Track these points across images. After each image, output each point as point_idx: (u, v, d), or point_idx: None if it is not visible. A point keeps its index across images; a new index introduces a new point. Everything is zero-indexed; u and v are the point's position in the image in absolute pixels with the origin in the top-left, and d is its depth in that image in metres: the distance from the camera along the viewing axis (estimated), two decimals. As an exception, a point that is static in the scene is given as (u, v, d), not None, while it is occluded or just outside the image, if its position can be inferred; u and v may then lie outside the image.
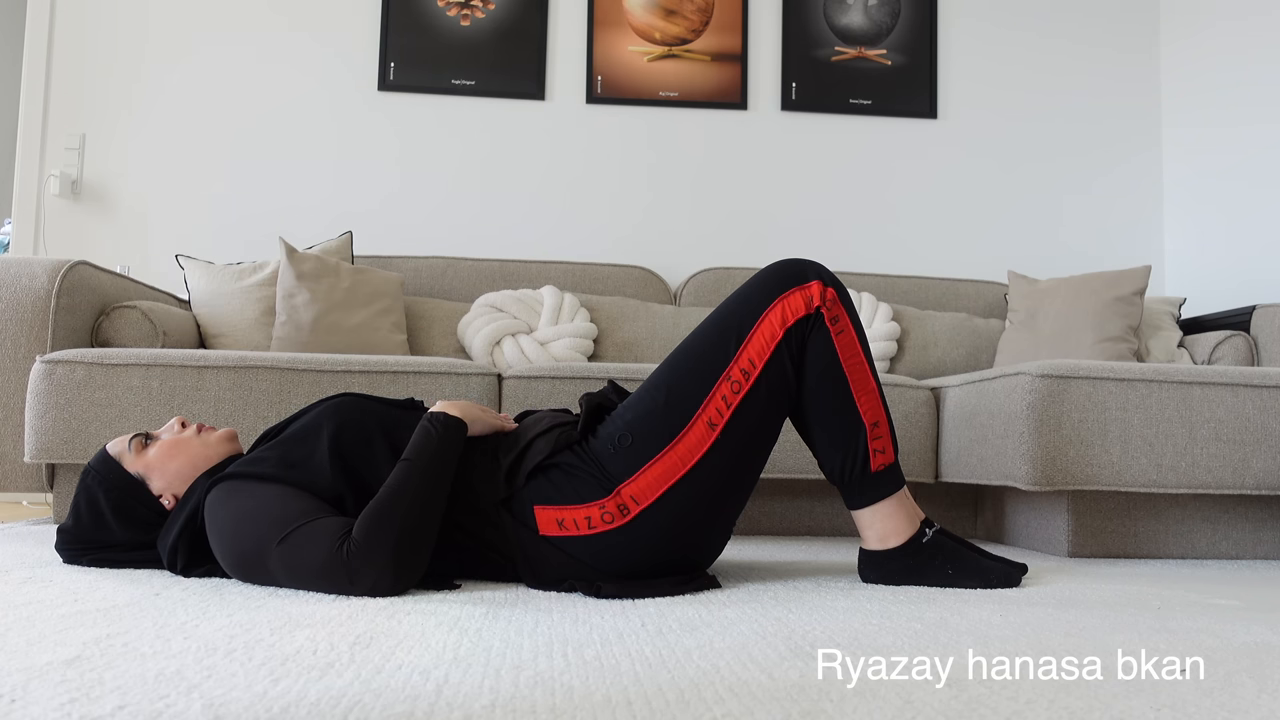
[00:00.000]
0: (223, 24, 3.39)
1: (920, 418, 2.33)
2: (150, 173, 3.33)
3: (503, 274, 3.12)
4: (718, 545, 1.48)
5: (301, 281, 2.61)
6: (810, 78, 3.55)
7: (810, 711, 0.76)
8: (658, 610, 1.22)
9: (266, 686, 0.79)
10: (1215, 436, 2.01)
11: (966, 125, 3.61)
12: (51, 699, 0.74)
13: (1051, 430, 1.96)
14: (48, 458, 2.09)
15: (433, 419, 1.38)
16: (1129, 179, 3.65)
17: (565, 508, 1.36)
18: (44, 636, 0.97)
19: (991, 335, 3.07)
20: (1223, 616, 1.28)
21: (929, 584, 1.48)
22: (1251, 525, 2.13)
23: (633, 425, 1.37)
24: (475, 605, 1.22)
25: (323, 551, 1.24)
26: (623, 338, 2.91)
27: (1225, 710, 0.79)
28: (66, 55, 3.33)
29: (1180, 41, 3.61)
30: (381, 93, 3.42)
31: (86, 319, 2.34)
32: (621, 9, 3.50)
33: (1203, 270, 3.46)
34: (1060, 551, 2.07)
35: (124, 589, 1.28)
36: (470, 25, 3.44)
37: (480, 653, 0.94)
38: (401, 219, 3.39)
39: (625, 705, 0.77)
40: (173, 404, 2.11)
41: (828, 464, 1.47)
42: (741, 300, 1.43)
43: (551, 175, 3.46)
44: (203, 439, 1.49)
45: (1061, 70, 3.66)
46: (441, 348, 2.86)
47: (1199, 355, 2.82)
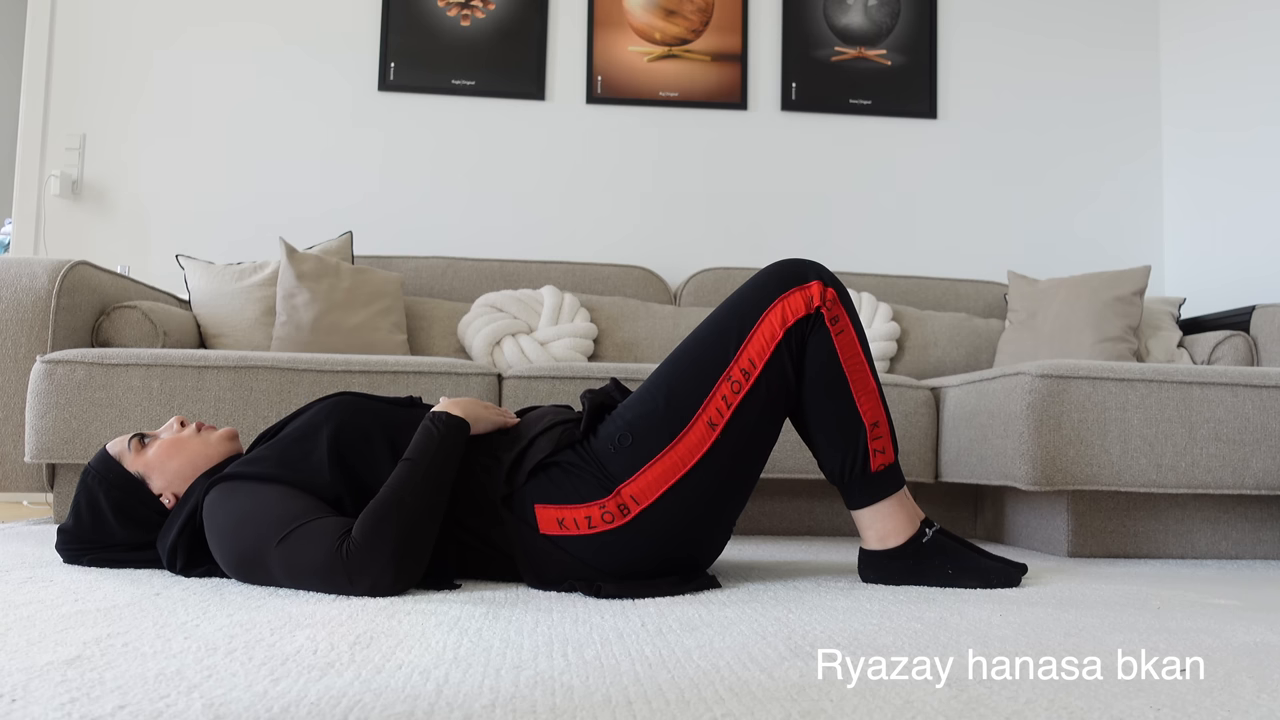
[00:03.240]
0: (223, 24, 3.39)
1: (920, 418, 2.33)
2: (150, 173, 3.33)
3: (503, 274, 3.12)
4: (718, 545, 1.48)
5: (302, 281, 2.61)
6: (810, 78, 3.55)
7: (810, 711, 0.76)
8: (658, 610, 1.22)
9: (266, 686, 0.79)
10: (1215, 436, 2.01)
11: (966, 125, 3.61)
12: (52, 699, 0.74)
13: (1051, 430, 1.96)
14: (48, 458, 2.09)
15: (435, 419, 1.38)
16: (1129, 179, 3.65)
17: (565, 507, 1.36)
18: (44, 636, 0.97)
19: (991, 335, 3.07)
20: (1222, 616, 1.28)
21: (929, 584, 1.48)
22: (1251, 525, 2.13)
23: (633, 425, 1.37)
24: (475, 605, 1.22)
25: (322, 551, 1.24)
26: (623, 338, 2.91)
27: (1225, 710, 0.79)
28: (66, 55, 3.33)
29: (1180, 38, 3.60)
30: (382, 93, 3.42)
31: (87, 319, 2.34)
32: (621, 9, 3.50)
33: (1203, 270, 3.46)
34: (1060, 551, 2.07)
35: (124, 589, 1.28)
36: (470, 25, 3.44)
37: (480, 653, 0.94)
38: (402, 219, 3.39)
39: (625, 705, 0.77)
40: (173, 404, 2.11)
41: (828, 464, 1.47)
42: (741, 300, 1.43)
43: (552, 175, 3.46)
44: (203, 438, 1.49)
45: (1061, 71, 3.66)
46: (441, 348, 2.86)
47: (1199, 355, 2.82)
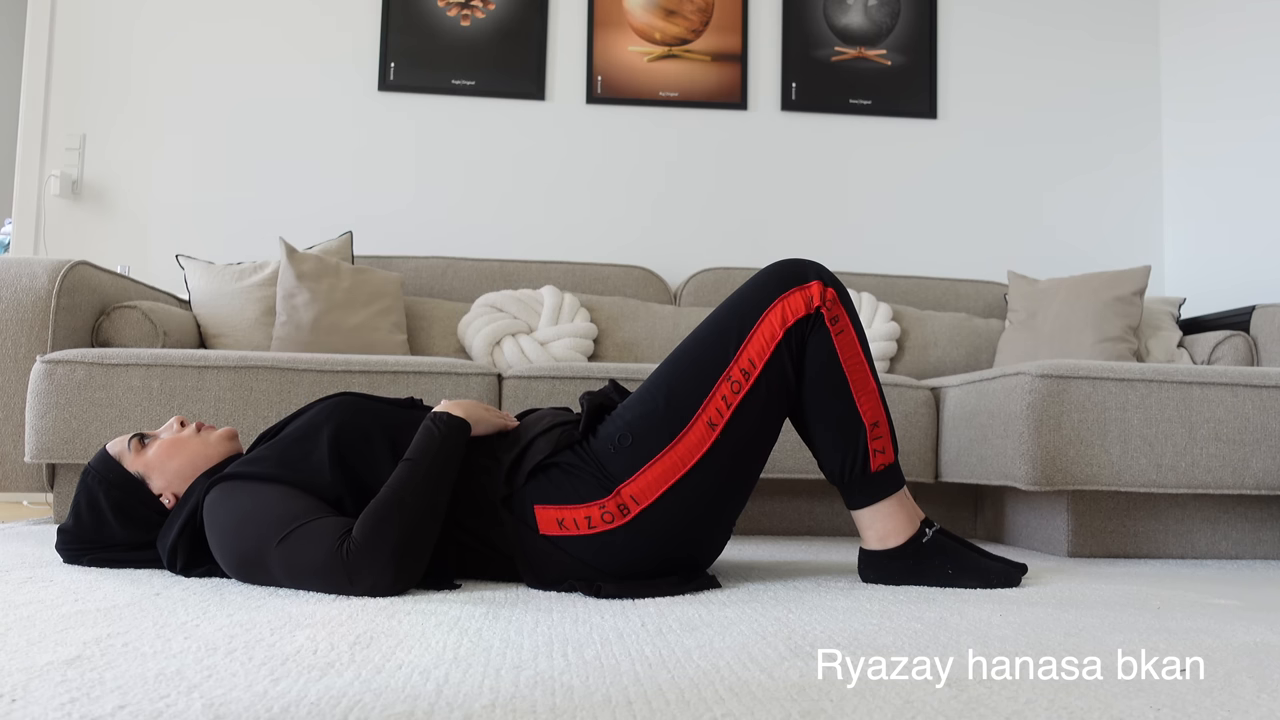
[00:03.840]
0: (223, 24, 3.39)
1: (920, 418, 2.33)
2: (150, 173, 3.33)
3: (503, 274, 3.12)
4: (718, 545, 1.48)
5: (302, 281, 2.61)
6: (810, 78, 3.55)
7: (810, 711, 0.76)
8: (658, 610, 1.22)
9: (266, 686, 0.79)
10: (1215, 436, 2.01)
11: (966, 125, 3.61)
12: (52, 699, 0.74)
13: (1051, 430, 1.96)
14: (48, 458, 2.09)
15: (436, 419, 1.38)
16: (1129, 179, 3.65)
17: (565, 507, 1.36)
18: (44, 636, 0.97)
19: (991, 335, 3.07)
20: (1222, 616, 1.28)
21: (929, 584, 1.48)
22: (1251, 525, 2.13)
23: (633, 425, 1.37)
24: (475, 605, 1.22)
25: (322, 551, 1.24)
26: (623, 338, 2.91)
27: (1225, 710, 0.79)
28: (66, 55, 3.33)
29: (1180, 34, 3.60)
30: (382, 93, 3.42)
31: (87, 319, 2.34)
32: (621, 9, 3.50)
33: (1203, 270, 3.46)
34: (1060, 551, 2.07)
35: (124, 589, 1.28)
36: (470, 25, 3.44)
37: (480, 653, 0.94)
38: (401, 219, 3.39)
39: (625, 705, 0.77)
40: (173, 404, 2.11)
41: (828, 464, 1.47)
42: (741, 300, 1.43)
43: (551, 175, 3.46)
44: (202, 438, 1.49)
45: (1061, 71, 3.66)
46: (441, 348, 2.86)
47: (1199, 355, 2.82)
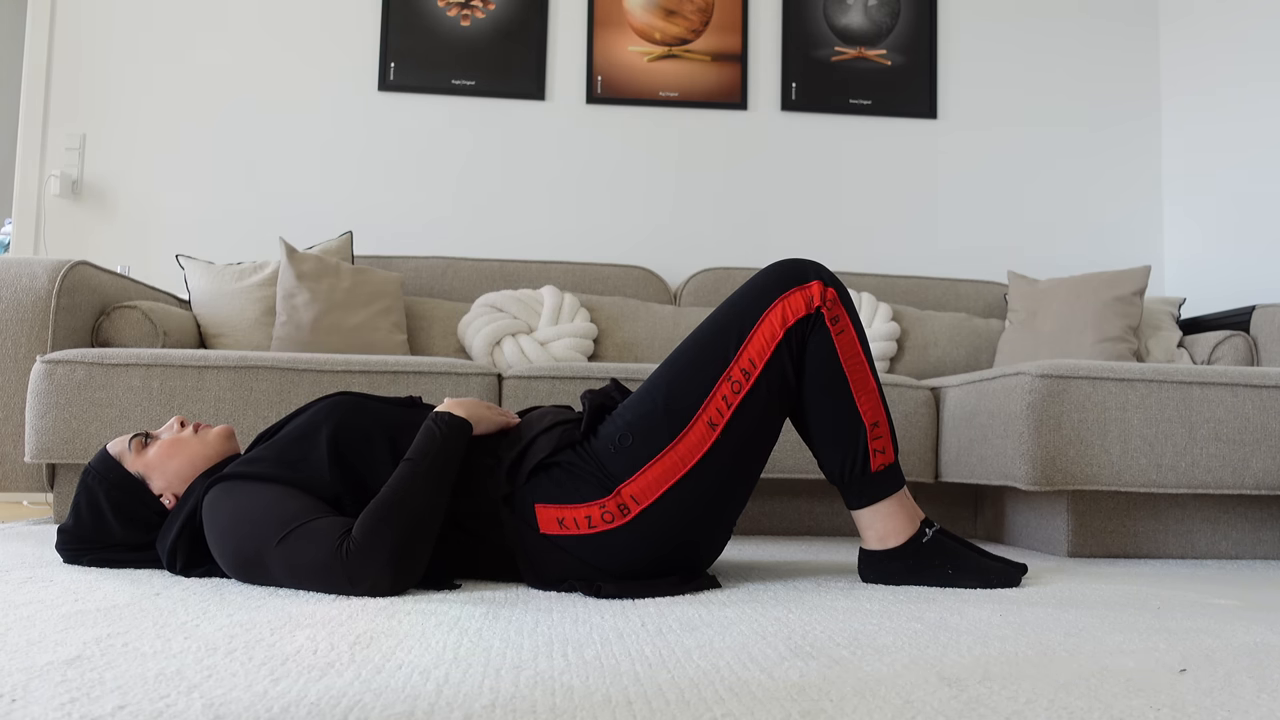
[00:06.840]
0: (223, 24, 3.39)
1: (920, 418, 2.33)
2: (150, 173, 3.33)
3: (503, 274, 3.12)
4: (718, 545, 1.48)
5: (302, 281, 2.61)
6: (810, 78, 3.55)
7: (810, 711, 0.76)
8: (658, 610, 1.22)
9: (266, 686, 0.79)
10: (1215, 436, 2.01)
11: (966, 125, 3.61)
12: (52, 699, 0.74)
13: (1051, 430, 1.96)
14: (48, 458, 2.09)
15: (437, 419, 1.38)
16: (1129, 179, 3.65)
17: (566, 506, 1.36)
18: (44, 636, 0.97)
19: (991, 335, 3.07)
20: (1222, 616, 1.28)
21: (929, 584, 1.48)
22: (1251, 525, 2.14)
23: (633, 425, 1.37)
24: (475, 605, 1.22)
25: (322, 551, 1.24)
26: (623, 338, 2.91)
27: (1225, 710, 0.79)
28: (66, 55, 3.33)
29: (1179, 34, 3.60)
30: (382, 93, 3.42)
31: (87, 319, 2.34)
32: (621, 9, 3.50)
33: (1203, 270, 3.46)
34: (1060, 551, 2.08)
35: (124, 589, 1.28)
36: (470, 25, 3.44)
37: (480, 653, 0.94)
38: (401, 219, 3.39)
39: (625, 705, 0.77)
40: (173, 404, 2.11)
41: (828, 464, 1.47)
42: (742, 300, 1.43)
43: (551, 175, 3.46)
44: (201, 437, 1.49)
45: (1061, 71, 3.66)
46: (441, 348, 2.86)
47: (1199, 355, 2.82)
